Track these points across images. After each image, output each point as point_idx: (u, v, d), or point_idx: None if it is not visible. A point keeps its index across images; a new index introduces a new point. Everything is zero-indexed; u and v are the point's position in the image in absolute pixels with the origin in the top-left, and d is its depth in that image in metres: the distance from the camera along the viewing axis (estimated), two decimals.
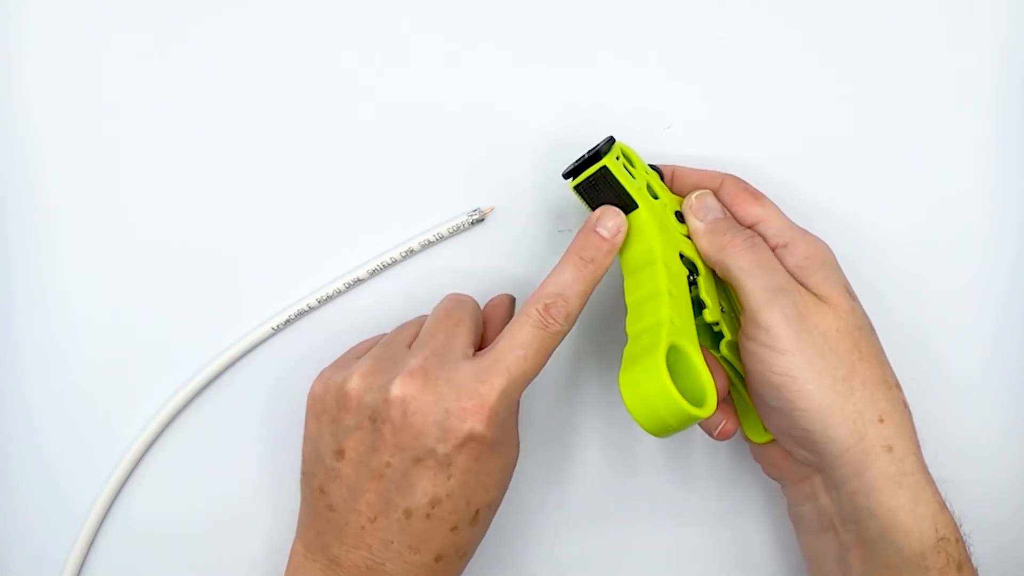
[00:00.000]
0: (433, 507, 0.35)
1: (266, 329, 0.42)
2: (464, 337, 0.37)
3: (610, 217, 0.38)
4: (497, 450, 0.36)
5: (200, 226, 0.43)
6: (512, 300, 0.41)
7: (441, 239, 0.43)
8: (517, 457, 0.38)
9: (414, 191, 0.43)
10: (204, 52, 0.43)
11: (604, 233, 0.37)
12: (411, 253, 0.43)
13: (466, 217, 0.43)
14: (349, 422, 0.36)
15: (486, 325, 0.40)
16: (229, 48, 0.43)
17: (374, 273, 0.43)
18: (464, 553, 0.37)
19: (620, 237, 0.38)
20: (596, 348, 0.44)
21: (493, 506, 0.37)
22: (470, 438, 0.35)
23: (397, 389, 0.35)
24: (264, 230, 0.43)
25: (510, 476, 0.37)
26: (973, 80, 0.44)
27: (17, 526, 0.43)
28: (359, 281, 0.43)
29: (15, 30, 0.42)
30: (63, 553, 0.42)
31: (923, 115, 0.44)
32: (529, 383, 0.36)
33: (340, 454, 0.36)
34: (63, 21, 0.42)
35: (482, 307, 0.41)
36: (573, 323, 0.37)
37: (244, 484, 0.43)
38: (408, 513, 0.35)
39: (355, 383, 0.36)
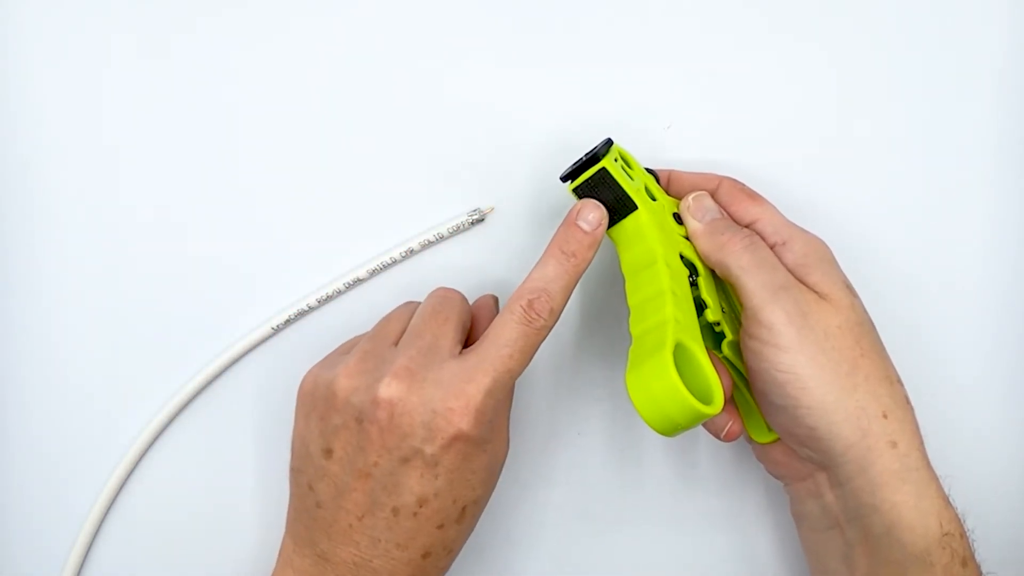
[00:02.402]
0: (420, 506, 0.35)
1: (266, 329, 0.43)
2: (451, 335, 0.37)
3: (591, 210, 0.37)
4: (483, 448, 0.36)
5: (200, 226, 0.43)
6: (496, 300, 0.41)
7: (441, 239, 0.43)
8: (506, 453, 0.37)
9: (414, 191, 0.43)
10: (204, 53, 0.43)
11: (585, 226, 0.37)
12: (411, 253, 0.43)
13: (466, 217, 0.43)
14: (336, 421, 0.36)
15: (473, 322, 0.39)
16: (229, 49, 0.43)
17: (374, 273, 0.43)
18: (451, 549, 0.37)
19: (601, 230, 0.37)
20: (599, 349, 0.44)
21: (480, 503, 0.37)
22: (457, 438, 0.35)
23: (383, 390, 0.35)
24: (264, 230, 0.43)
25: (498, 472, 0.37)
26: (973, 80, 0.44)
27: (17, 526, 0.43)
28: (359, 281, 0.43)
29: (15, 30, 0.42)
30: (63, 553, 0.42)
31: (923, 115, 0.44)
32: (515, 379, 0.36)
33: (328, 452, 0.36)
34: (63, 21, 0.42)
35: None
36: (557, 317, 0.36)
37: (244, 484, 0.43)
38: (395, 511, 0.35)
39: (342, 383, 0.36)
